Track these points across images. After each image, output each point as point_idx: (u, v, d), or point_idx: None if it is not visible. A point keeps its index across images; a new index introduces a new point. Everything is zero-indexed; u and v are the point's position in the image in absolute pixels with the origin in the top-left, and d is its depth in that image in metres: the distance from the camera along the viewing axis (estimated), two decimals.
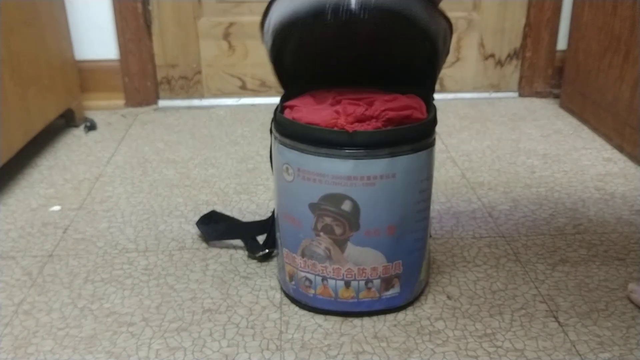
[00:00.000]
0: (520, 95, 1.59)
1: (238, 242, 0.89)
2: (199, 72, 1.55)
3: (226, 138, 1.33)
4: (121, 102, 1.53)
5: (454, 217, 0.96)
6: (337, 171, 0.64)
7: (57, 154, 1.24)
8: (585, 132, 1.34)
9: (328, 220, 0.67)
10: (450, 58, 1.57)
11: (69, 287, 0.80)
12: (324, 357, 0.67)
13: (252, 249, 0.85)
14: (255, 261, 0.85)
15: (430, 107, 0.70)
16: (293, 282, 0.74)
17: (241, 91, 1.57)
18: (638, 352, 0.67)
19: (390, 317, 0.73)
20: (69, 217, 0.98)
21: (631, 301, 0.75)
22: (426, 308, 0.75)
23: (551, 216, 0.97)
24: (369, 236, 0.67)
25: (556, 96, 1.56)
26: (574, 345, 0.68)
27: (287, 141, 0.67)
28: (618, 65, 1.23)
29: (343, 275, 0.70)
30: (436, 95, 0.73)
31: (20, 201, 1.04)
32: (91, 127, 1.38)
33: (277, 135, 0.69)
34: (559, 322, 0.72)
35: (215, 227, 0.91)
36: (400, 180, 0.66)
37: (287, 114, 0.70)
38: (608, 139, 1.27)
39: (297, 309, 0.74)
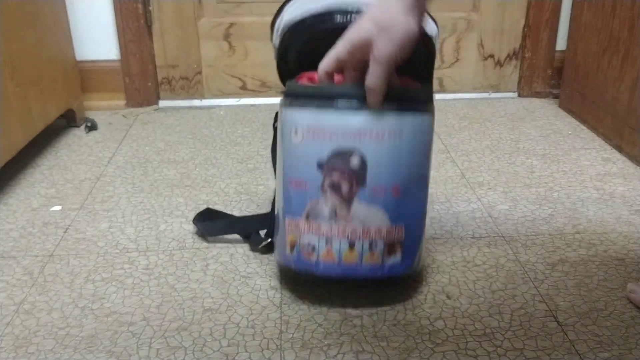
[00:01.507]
0: (520, 95, 1.60)
1: (238, 241, 0.90)
2: (200, 73, 1.55)
3: (226, 138, 1.33)
4: (122, 102, 1.53)
5: (453, 217, 0.97)
6: (348, 125, 0.67)
7: (58, 154, 1.25)
8: (584, 132, 1.34)
9: (336, 177, 0.68)
10: (449, 58, 1.57)
11: (70, 287, 0.80)
12: (324, 357, 0.67)
13: (254, 242, 0.86)
14: (255, 261, 0.85)
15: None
16: (294, 252, 0.72)
17: (241, 91, 1.58)
18: (637, 351, 0.67)
19: (389, 316, 0.73)
20: (70, 216, 0.99)
21: (630, 301, 0.76)
22: (426, 307, 0.75)
23: (550, 216, 0.97)
24: (375, 195, 0.68)
25: (555, 96, 1.56)
26: (573, 345, 0.69)
27: (300, 102, 0.69)
28: (617, 65, 1.23)
29: (348, 235, 0.69)
30: (436, 96, 0.74)
31: (21, 201, 1.04)
32: (92, 127, 1.38)
33: (288, 101, 0.70)
34: (558, 322, 0.72)
35: (215, 223, 0.92)
36: (407, 140, 0.68)
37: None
38: (607, 139, 1.28)
39: (297, 308, 0.75)
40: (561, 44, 1.53)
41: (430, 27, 0.74)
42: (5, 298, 0.78)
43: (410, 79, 0.73)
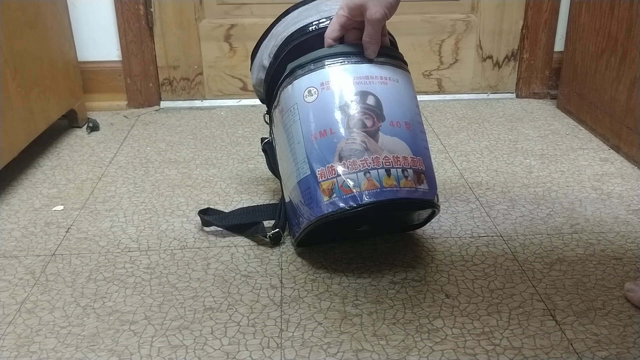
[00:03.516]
0: (518, 96, 1.60)
1: (239, 240, 0.90)
2: (201, 74, 1.56)
3: (227, 138, 1.34)
4: (123, 103, 1.54)
5: (452, 217, 0.97)
6: (358, 73, 0.78)
7: (60, 154, 1.25)
8: (582, 133, 1.34)
9: (358, 115, 0.76)
10: (448, 59, 1.58)
11: (72, 286, 0.81)
12: (324, 355, 0.67)
13: (263, 231, 0.88)
14: (256, 260, 0.86)
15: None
16: (334, 195, 0.75)
17: (242, 92, 1.58)
18: (635, 350, 0.68)
19: (389, 315, 0.74)
20: (72, 216, 0.99)
21: (628, 300, 0.76)
22: (424, 306, 0.76)
23: (548, 216, 0.98)
24: (394, 127, 0.77)
25: (553, 97, 1.57)
26: (571, 344, 0.69)
27: (306, 69, 0.79)
28: (615, 66, 1.24)
29: (382, 163, 0.75)
30: (435, 97, 0.77)
31: (24, 201, 1.05)
32: (94, 127, 1.39)
33: (292, 77, 0.80)
34: (556, 321, 0.73)
35: (224, 214, 0.94)
36: (403, 86, 0.80)
37: None
38: (605, 139, 1.28)
39: (297, 307, 0.75)
40: (559, 44, 1.54)
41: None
42: (8, 297, 0.78)
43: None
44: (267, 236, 0.88)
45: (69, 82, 1.36)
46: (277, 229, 0.87)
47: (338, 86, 0.77)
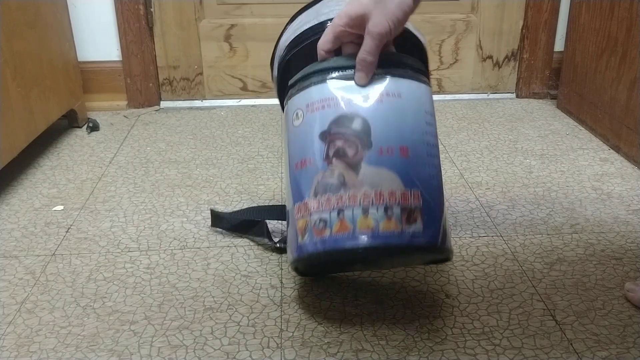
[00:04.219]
0: (518, 96, 1.60)
1: (239, 241, 0.90)
2: (201, 74, 1.56)
3: (227, 138, 1.34)
4: (123, 103, 1.54)
5: (452, 217, 0.97)
6: (347, 91, 0.67)
7: (60, 154, 1.25)
8: (582, 133, 1.34)
9: (339, 143, 0.65)
10: (448, 59, 1.58)
11: (72, 286, 0.81)
12: (324, 355, 0.67)
13: (270, 237, 0.88)
14: (256, 260, 0.86)
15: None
16: (306, 237, 0.66)
17: (242, 92, 1.58)
18: (635, 350, 0.68)
19: (389, 315, 0.74)
20: (72, 216, 0.99)
21: (628, 300, 0.76)
22: (425, 306, 0.76)
23: (548, 216, 0.98)
24: (382, 155, 0.65)
25: (553, 97, 1.57)
26: (571, 344, 0.69)
27: (297, 88, 0.70)
28: (615, 66, 1.24)
29: (360, 201, 0.64)
30: (435, 97, 0.75)
31: (24, 201, 1.05)
32: (94, 127, 1.39)
33: (288, 95, 0.72)
34: (556, 321, 0.73)
35: (237, 211, 0.94)
36: (407, 101, 0.67)
37: None
38: (605, 139, 1.28)
39: (297, 307, 0.75)
40: (559, 44, 1.54)
41: (424, 38, 0.77)
42: (8, 297, 0.78)
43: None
44: (275, 244, 0.87)
45: (69, 82, 1.36)
46: (284, 244, 0.83)
47: (322, 108, 0.67)
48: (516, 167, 1.17)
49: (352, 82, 0.67)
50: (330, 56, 0.69)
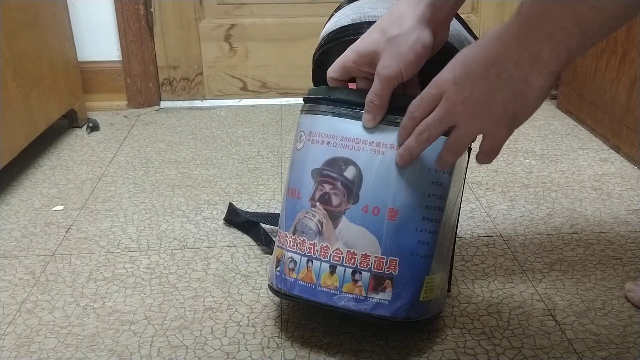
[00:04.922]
0: None
1: (239, 241, 0.90)
2: (200, 74, 1.56)
3: (227, 138, 1.34)
4: (123, 103, 1.54)
5: None
6: (347, 132, 0.62)
7: (60, 154, 1.25)
8: (582, 133, 1.34)
9: (327, 188, 0.62)
10: None
11: (72, 286, 0.81)
12: (324, 355, 0.67)
13: (265, 241, 0.88)
14: (256, 260, 0.86)
15: None
16: (278, 269, 0.66)
17: (242, 92, 1.58)
18: (635, 350, 0.68)
19: None
20: (72, 216, 0.99)
21: (628, 300, 0.76)
22: None
23: (548, 216, 0.98)
24: (367, 214, 0.61)
25: (553, 97, 1.57)
26: (571, 344, 0.69)
27: (306, 107, 0.67)
28: (615, 66, 1.24)
29: (330, 256, 0.62)
30: None
31: (24, 201, 1.05)
32: (94, 127, 1.39)
33: (302, 107, 0.68)
34: (556, 321, 0.73)
35: (251, 212, 0.95)
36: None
37: None
38: (605, 139, 1.28)
39: (297, 307, 0.75)
40: None
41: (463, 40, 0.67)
42: (8, 297, 0.78)
43: None
44: (270, 250, 0.87)
45: (69, 82, 1.36)
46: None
47: (320, 143, 0.63)
48: (516, 167, 1.17)
49: (359, 123, 0.62)
50: (341, 85, 0.65)
